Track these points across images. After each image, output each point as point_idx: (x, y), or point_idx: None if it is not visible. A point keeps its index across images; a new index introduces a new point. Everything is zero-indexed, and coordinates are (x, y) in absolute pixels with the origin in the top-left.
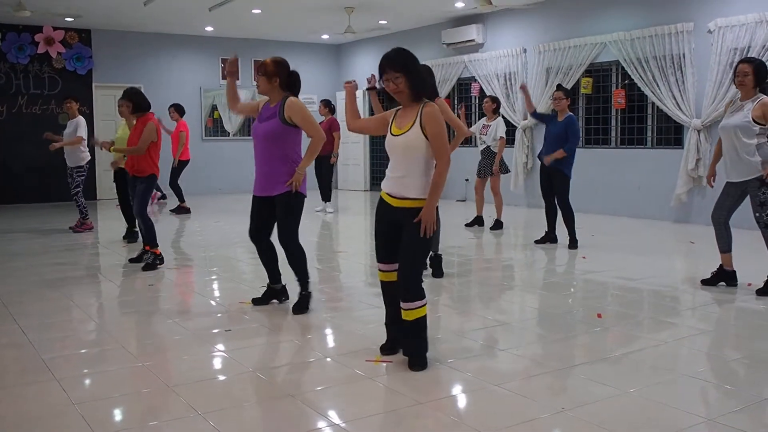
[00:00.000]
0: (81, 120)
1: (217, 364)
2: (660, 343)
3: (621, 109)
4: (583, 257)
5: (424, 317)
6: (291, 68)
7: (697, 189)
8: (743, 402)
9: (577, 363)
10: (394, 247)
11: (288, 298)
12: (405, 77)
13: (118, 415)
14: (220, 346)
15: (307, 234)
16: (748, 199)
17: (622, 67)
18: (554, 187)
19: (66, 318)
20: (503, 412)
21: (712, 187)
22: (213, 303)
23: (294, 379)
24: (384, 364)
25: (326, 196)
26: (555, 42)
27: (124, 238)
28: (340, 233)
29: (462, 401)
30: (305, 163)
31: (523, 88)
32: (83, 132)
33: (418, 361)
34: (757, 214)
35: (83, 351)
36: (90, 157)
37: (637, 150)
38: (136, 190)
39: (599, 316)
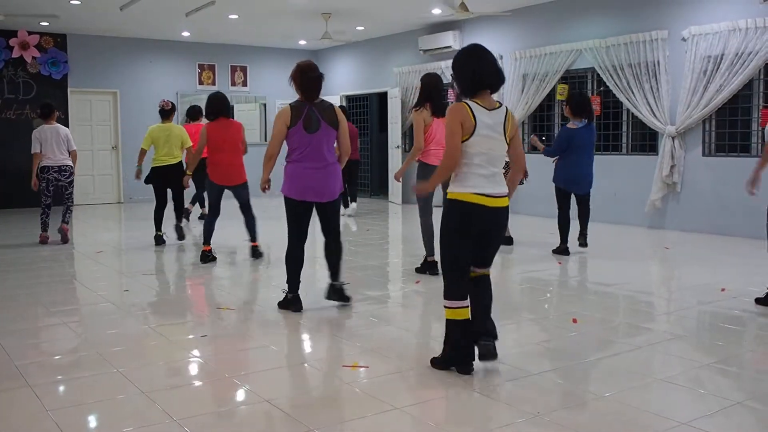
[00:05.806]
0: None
1: (193, 369)
2: (635, 348)
3: (596, 116)
4: (559, 263)
5: None
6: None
7: (672, 195)
8: (717, 406)
9: (552, 367)
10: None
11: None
12: None
13: (92, 421)
14: (196, 352)
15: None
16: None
17: (598, 74)
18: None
19: (39, 324)
20: (479, 416)
21: (753, 194)
22: (189, 308)
23: (271, 385)
24: (361, 370)
25: (353, 198)
26: (531, 49)
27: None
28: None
29: (438, 406)
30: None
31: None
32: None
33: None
34: None
35: (57, 357)
36: (46, 165)
37: (612, 156)
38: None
39: (574, 321)
